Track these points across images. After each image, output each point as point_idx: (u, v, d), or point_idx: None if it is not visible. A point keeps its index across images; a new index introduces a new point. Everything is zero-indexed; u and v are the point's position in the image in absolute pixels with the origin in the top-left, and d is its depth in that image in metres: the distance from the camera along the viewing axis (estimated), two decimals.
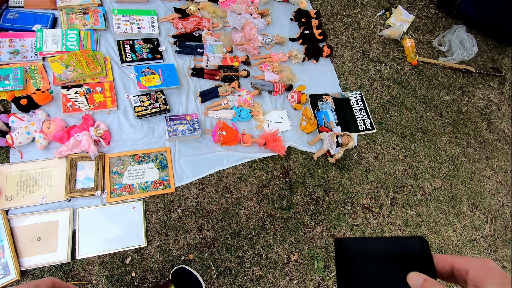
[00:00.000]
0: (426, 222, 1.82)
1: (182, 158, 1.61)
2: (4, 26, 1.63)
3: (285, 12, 2.29)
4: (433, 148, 2.07)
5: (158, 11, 1.96)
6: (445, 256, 0.35)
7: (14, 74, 1.51)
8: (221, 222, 1.53)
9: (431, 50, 2.50)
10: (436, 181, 1.96)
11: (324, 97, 2.01)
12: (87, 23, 1.75)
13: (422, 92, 2.27)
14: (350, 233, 1.67)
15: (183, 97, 1.75)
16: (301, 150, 1.81)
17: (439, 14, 2.71)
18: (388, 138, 2.01)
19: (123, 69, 1.73)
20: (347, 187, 1.79)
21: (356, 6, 2.51)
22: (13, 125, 1.42)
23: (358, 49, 2.30)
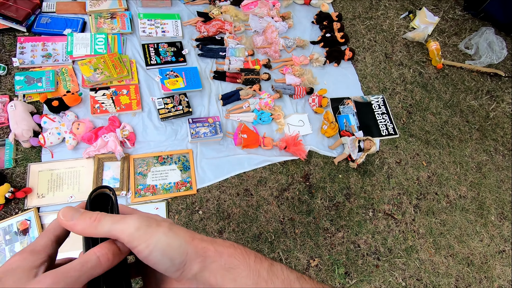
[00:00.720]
0: (451, 231, 1.76)
1: (204, 160, 1.62)
2: (37, 30, 1.70)
3: (307, 15, 2.28)
4: (458, 154, 2.00)
5: (182, 15, 2.00)
6: None
7: (47, 77, 1.58)
8: (241, 225, 1.53)
9: (457, 53, 2.42)
10: (462, 188, 1.89)
11: (346, 100, 1.98)
12: (115, 27, 1.81)
13: (447, 97, 2.20)
14: (372, 240, 1.64)
15: (205, 99, 1.77)
16: (322, 154, 1.79)
17: (466, 16, 2.62)
18: (411, 144, 1.96)
19: (148, 72, 1.77)
20: (369, 192, 1.75)
21: (379, 9, 2.47)
22: (45, 125, 1.48)
23: (380, 52, 2.26)
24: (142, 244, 0.27)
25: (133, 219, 0.28)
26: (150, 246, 0.27)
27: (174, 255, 0.28)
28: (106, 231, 0.27)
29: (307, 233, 1.58)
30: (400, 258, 1.62)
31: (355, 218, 1.67)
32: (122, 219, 0.28)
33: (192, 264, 0.29)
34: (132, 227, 0.27)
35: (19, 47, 1.63)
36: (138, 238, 0.27)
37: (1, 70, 1.56)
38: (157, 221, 0.29)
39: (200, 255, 0.29)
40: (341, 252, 1.58)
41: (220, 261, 0.30)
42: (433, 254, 1.68)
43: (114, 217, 0.28)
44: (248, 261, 0.31)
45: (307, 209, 1.64)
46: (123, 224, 0.27)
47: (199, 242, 0.30)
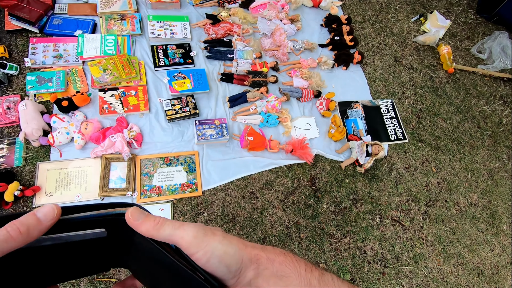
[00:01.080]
0: (461, 239, 1.71)
1: (210, 162, 1.62)
2: (49, 31, 1.73)
3: (315, 18, 2.27)
4: (469, 161, 1.95)
5: (191, 17, 2.01)
6: None
7: (57, 77, 1.60)
8: (246, 228, 1.53)
9: (469, 57, 2.37)
10: (473, 196, 1.85)
11: (354, 104, 1.96)
12: (124, 29, 1.83)
13: (458, 102, 2.15)
14: (378, 247, 1.61)
15: (212, 101, 1.78)
16: (329, 158, 1.77)
17: (479, 19, 2.57)
18: (420, 149, 1.92)
19: (156, 73, 1.78)
20: (376, 198, 1.72)
21: (389, 12, 2.44)
22: (55, 125, 1.50)
23: (390, 56, 2.23)
24: (200, 252, 0.28)
25: (190, 226, 0.29)
26: (208, 253, 0.28)
27: (230, 262, 0.29)
28: (167, 235, 0.28)
29: (312, 238, 1.56)
30: (407, 266, 1.59)
31: (362, 224, 1.64)
32: (181, 226, 0.29)
33: (247, 271, 0.30)
34: (190, 234, 0.28)
35: (31, 47, 1.66)
36: (196, 246, 0.28)
37: (13, 70, 1.59)
38: (212, 230, 0.30)
39: (254, 261, 0.30)
40: (347, 258, 1.55)
41: (272, 268, 0.31)
42: (442, 262, 1.63)
43: (174, 223, 0.29)
44: (299, 270, 0.32)
45: (312, 214, 1.62)
46: (182, 231, 0.29)
47: (251, 249, 0.31)
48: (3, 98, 1.53)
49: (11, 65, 1.59)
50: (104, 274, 1.32)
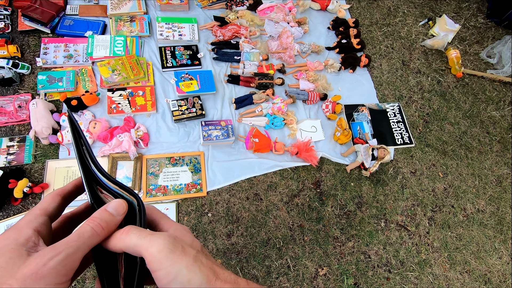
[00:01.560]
0: (468, 246, 1.69)
1: (215, 163, 1.63)
2: (61, 32, 1.77)
3: (323, 21, 2.27)
4: (477, 166, 1.92)
5: (199, 19, 2.03)
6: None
7: (67, 77, 1.63)
8: (250, 229, 1.53)
9: (478, 61, 2.34)
10: (481, 202, 1.82)
11: (360, 107, 1.95)
12: (133, 30, 1.85)
13: (467, 106, 2.13)
14: (383, 251, 1.59)
15: (219, 103, 1.79)
16: (334, 161, 1.77)
17: (489, 23, 2.54)
18: (427, 154, 1.90)
19: (163, 74, 1.80)
20: (381, 202, 1.71)
21: (397, 15, 2.43)
22: (64, 124, 1.53)
23: (397, 59, 2.22)
24: (162, 271, 0.25)
25: (160, 238, 0.26)
26: (170, 275, 0.25)
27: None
28: (132, 245, 0.26)
29: (316, 241, 1.56)
30: (412, 272, 1.57)
31: (366, 228, 1.63)
32: (148, 236, 0.27)
33: None
34: (155, 247, 0.26)
35: (43, 47, 1.70)
36: (159, 263, 0.25)
37: (25, 69, 1.62)
38: (183, 247, 0.27)
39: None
40: (351, 262, 1.54)
41: None
42: (448, 269, 1.61)
43: (141, 231, 0.27)
44: None
45: (317, 217, 1.61)
46: (148, 241, 0.26)
47: (221, 284, 0.27)
48: (14, 97, 1.57)
49: (23, 65, 1.62)
50: None
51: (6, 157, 1.46)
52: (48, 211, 0.30)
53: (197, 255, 0.27)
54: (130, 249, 0.27)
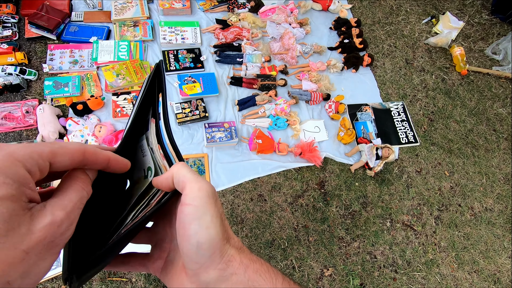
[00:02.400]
0: (476, 245, 1.66)
1: (219, 164, 1.64)
2: (66, 38, 1.81)
3: (324, 21, 2.27)
4: (484, 164, 1.90)
5: (201, 22, 2.05)
6: None
7: (73, 82, 1.66)
8: (254, 230, 1.53)
9: (483, 58, 2.32)
10: (488, 201, 1.79)
11: (364, 107, 1.95)
12: (137, 35, 1.88)
13: (472, 104, 2.10)
14: (389, 251, 1.58)
15: (222, 105, 1.80)
16: (338, 162, 1.76)
17: (493, 20, 2.51)
18: (432, 152, 1.88)
19: (167, 77, 1.82)
20: (387, 202, 1.70)
21: (400, 14, 2.42)
22: (70, 128, 1.56)
23: (400, 58, 2.21)
24: (192, 208, 0.25)
25: (204, 181, 0.27)
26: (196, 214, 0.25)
27: (203, 243, 0.25)
28: (182, 174, 0.27)
29: (321, 241, 1.55)
30: (419, 272, 1.55)
31: (372, 228, 1.62)
32: (196, 175, 0.27)
33: (210, 268, 0.26)
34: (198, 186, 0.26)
35: (49, 54, 1.74)
36: (194, 199, 0.26)
37: (32, 75, 1.66)
38: (217, 201, 0.27)
39: (224, 261, 0.26)
40: (357, 263, 1.53)
41: (244, 275, 0.26)
42: (456, 269, 1.59)
43: (192, 170, 0.28)
44: (275, 282, 0.28)
45: (321, 217, 1.61)
46: (195, 178, 0.27)
47: (229, 247, 0.27)
48: (22, 102, 1.60)
49: (30, 71, 1.66)
50: (116, 273, 1.35)
51: None
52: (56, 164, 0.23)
53: (222, 214, 0.28)
54: (178, 177, 0.27)
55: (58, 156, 0.23)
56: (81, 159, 0.25)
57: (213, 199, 0.26)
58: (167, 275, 0.30)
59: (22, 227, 0.19)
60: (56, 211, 0.21)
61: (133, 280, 1.35)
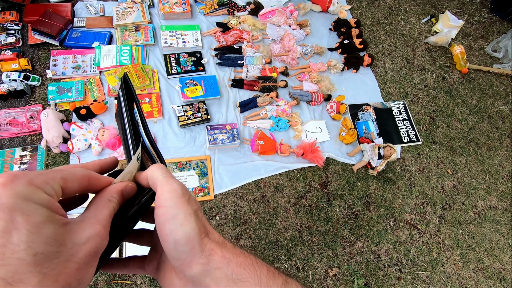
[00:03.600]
0: (481, 244, 1.66)
1: (221, 166, 1.65)
2: (69, 44, 1.83)
3: (324, 23, 2.29)
4: (487, 162, 1.90)
5: (202, 26, 2.07)
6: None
7: (76, 87, 1.68)
8: (258, 232, 1.53)
9: (483, 56, 2.32)
10: (492, 199, 1.79)
11: (365, 107, 1.95)
12: (138, 39, 1.90)
13: (473, 102, 2.10)
14: (393, 251, 1.58)
15: (223, 107, 1.81)
16: (340, 162, 1.76)
17: (493, 18, 2.52)
18: (435, 151, 1.88)
19: (168, 81, 1.84)
20: (390, 201, 1.70)
21: (399, 14, 2.43)
22: (73, 132, 1.57)
23: (401, 58, 2.21)
24: (164, 209, 0.27)
25: (175, 183, 0.28)
26: (168, 215, 0.26)
27: (180, 240, 0.26)
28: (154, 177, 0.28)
29: (324, 241, 1.55)
30: (424, 271, 1.55)
31: (375, 228, 1.62)
32: (168, 177, 0.28)
33: (192, 263, 0.26)
34: (168, 188, 0.27)
35: (52, 59, 1.76)
36: (165, 200, 0.27)
37: (36, 81, 1.68)
38: (189, 199, 0.28)
39: (205, 256, 0.27)
40: (361, 263, 1.53)
41: (227, 269, 0.27)
42: (461, 267, 1.58)
43: (166, 172, 0.29)
44: (259, 275, 0.28)
45: (324, 217, 1.61)
46: (166, 181, 0.28)
47: (208, 241, 0.28)
48: (26, 108, 1.62)
49: (34, 77, 1.68)
50: (120, 276, 1.36)
51: (19, 166, 1.51)
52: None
53: (197, 210, 0.28)
54: (151, 180, 0.29)
55: (69, 182, 0.25)
56: (87, 184, 0.27)
57: (185, 198, 0.27)
58: (159, 275, 0.32)
59: (68, 242, 0.22)
60: (94, 224, 0.24)
61: (138, 283, 1.35)
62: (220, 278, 0.27)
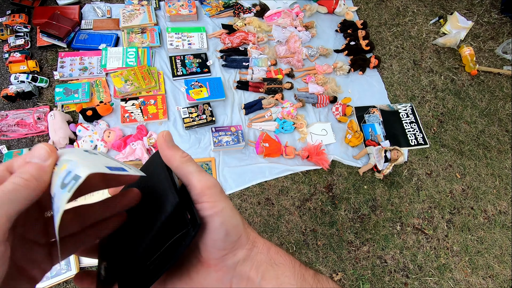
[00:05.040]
0: (490, 249, 1.62)
1: (226, 168, 1.64)
2: (76, 46, 1.85)
3: (330, 24, 2.27)
4: (497, 166, 1.85)
5: (207, 27, 2.07)
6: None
7: (82, 88, 1.70)
8: (262, 234, 1.52)
9: (493, 58, 2.27)
10: (502, 203, 1.75)
11: (371, 109, 1.93)
12: (145, 41, 1.91)
13: (483, 105, 2.06)
14: (400, 256, 1.55)
15: (228, 109, 1.81)
16: (346, 164, 1.74)
17: (503, 19, 2.47)
18: (443, 154, 1.85)
19: (174, 82, 1.84)
20: (396, 205, 1.67)
21: (406, 15, 2.40)
22: (80, 134, 1.59)
23: (408, 59, 2.18)
24: (210, 203, 0.27)
25: (211, 178, 0.28)
26: (217, 207, 0.27)
27: (231, 230, 0.27)
28: (187, 171, 0.27)
29: (330, 245, 1.53)
30: (431, 277, 1.52)
31: (382, 232, 1.59)
32: (203, 172, 0.28)
33: (239, 250, 0.28)
34: (209, 182, 0.27)
35: (59, 61, 1.78)
36: (208, 196, 0.27)
37: (43, 83, 1.70)
38: (225, 194, 0.29)
39: (250, 242, 0.29)
40: (366, 267, 1.50)
41: (267, 254, 0.29)
42: (470, 274, 1.55)
43: (198, 166, 0.29)
44: (293, 263, 0.30)
45: (330, 221, 1.59)
46: (203, 175, 0.27)
47: (251, 230, 0.30)
48: (34, 109, 1.64)
49: (42, 78, 1.70)
50: None
51: None
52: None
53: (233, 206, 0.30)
54: (184, 174, 0.28)
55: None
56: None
57: (223, 192, 0.28)
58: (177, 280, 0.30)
59: None
60: None
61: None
62: (260, 263, 0.29)
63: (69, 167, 0.23)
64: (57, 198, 0.22)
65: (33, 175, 0.22)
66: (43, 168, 0.23)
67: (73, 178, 0.22)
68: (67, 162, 0.23)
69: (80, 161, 0.23)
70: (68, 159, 0.24)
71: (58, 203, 0.21)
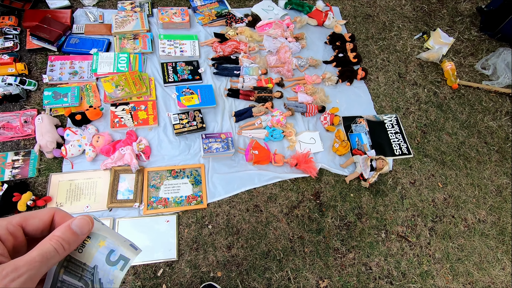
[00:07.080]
0: (470, 257, 1.67)
1: (215, 175, 1.65)
2: (67, 50, 1.84)
3: (320, 36, 2.34)
4: (477, 176, 1.93)
5: (199, 35, 2.10)
6: None
7: (72, 93, 1.69)
8: (250, 241, 1.53)
9: (473, 73, 2.39)
10: (481, 212, 1.82)
11: (358, 119, 1.99)
12: (137, 47, 1.92)
13: (463, 117, 2.16)
14: (384, 263, 1.59)
15: (219, 116, 1.83)
16: (333, 173, 1.78)
17: (482, 36, 2.61)
18: (426, 164, 1.92)
19: (165, 89, 1.85)
20: (381, 213, 1.72)
21: (392, 30, 2.50)
22: (68, 138, 1.57)
23: (393, 72, 2.27)
24: None
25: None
26: None
27: None
28: None
29: (316, 252, 1.56)
30: (414, 284, 1.56)
31: (367, 239, 1.63)
32: None
33: None
34: None
35: (49, 65, 1.76)
36: None
37: (32, 86, 1.68)
38: None
39: None
40: (352, 274, 1.53)
41: None
42: (451, 280, 1.60)
43: None
44: None
45: (317, 228, 1.62)
46: None
47: None
48: (21, 112, 1.62)
49: (30, 81, 1.68)
50: None
51: (11, 170, 1.49)
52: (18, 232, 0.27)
53: None
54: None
55: (30, 219, 0.26)
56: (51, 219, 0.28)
57: None
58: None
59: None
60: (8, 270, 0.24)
61: None
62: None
63: (108, 245, 0.29)
64: (104, 271, 0.29)
65: (71, 244, 0.27)
66: (80, 240, 0.28)
67: (121, 258, 0.29)
68: (104, 239, 0.30)
69: (116, 242, 0.30)
70: (103, 235, 0.30)
71: (109, 277, 0.29)
